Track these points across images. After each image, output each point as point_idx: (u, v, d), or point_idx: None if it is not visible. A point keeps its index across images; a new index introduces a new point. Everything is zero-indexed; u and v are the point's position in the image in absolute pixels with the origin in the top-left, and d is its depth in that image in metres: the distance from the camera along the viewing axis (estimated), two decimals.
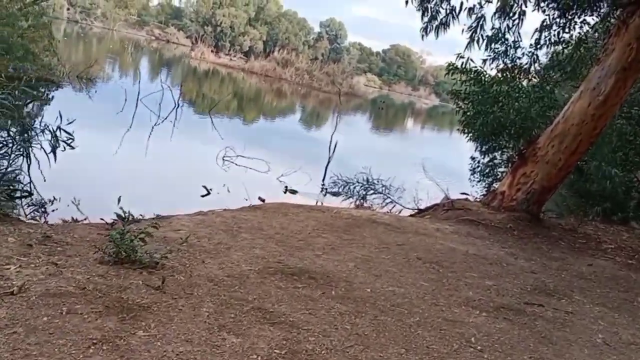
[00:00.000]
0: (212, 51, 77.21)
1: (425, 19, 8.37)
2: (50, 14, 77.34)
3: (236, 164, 15.42)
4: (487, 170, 11.73)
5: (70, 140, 9.69)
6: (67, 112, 21.47)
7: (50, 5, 79.90)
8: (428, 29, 8.49)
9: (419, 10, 8.54)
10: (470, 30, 8.43)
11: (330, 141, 16.61)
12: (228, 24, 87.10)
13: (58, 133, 9.31)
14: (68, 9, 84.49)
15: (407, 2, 9.05)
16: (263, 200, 11.90)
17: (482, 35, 8.74)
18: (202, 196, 11.31)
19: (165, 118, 21.29)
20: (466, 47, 8.63)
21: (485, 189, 12.66)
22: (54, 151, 9.05)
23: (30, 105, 20.90)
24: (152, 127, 19.57)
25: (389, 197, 10.64)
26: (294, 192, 12.01)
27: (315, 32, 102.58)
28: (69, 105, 21.72)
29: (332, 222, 7.40)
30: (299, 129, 32.41)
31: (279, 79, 65.55)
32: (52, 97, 21.61)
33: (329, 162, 16.35)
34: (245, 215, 7.12)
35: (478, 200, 12.25)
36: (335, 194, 11.08)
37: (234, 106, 35.58)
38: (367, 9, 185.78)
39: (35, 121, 10.96)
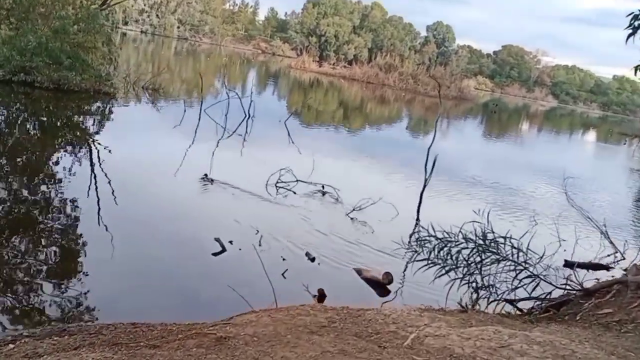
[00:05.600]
0: (314, 61, 75.20)
1: None
2: (162, 32, 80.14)
3: (294, 192, 11.37)
4: None
5: None
6: (129, 126, 19.50)
7: (162, 24, 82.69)
8: None
9: None
10: None
11: (427, 156, 11.98)
12: (332, 33, 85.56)
13: None
14: (178, 27, 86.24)
15: None
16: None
17: None
18: (215, 254, 7.28)
19: (234, 131, 17.82)
20: None
21: None
22: None
23: (90, 121, 18.63)
24: (217, 142, 16.17)
25: (524, 267, 5.79)
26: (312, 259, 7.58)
27: (422, 37, 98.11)
28: (132, 119, 19.13)
29: None
30: (401, 137, 27.83)
31: (382, 84, 61.24)
32: (110, 110, 18.99)
33: (424, 188, 11.74)
34: None
35: None
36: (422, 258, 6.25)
37: (332, 116, 31.79)
38: (475, 12, 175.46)
39: None
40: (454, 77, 65.54)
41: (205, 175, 11.25)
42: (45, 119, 16.14)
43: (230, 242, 7.62)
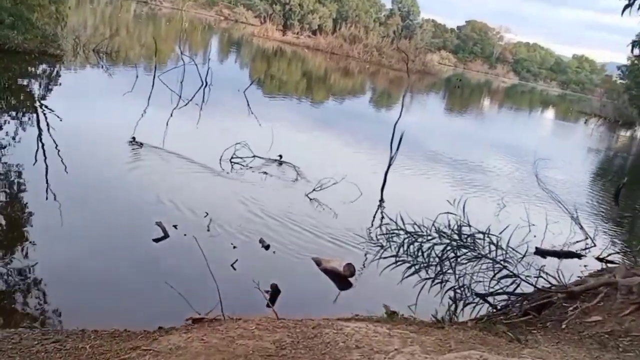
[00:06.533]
0: (277, 29, 73.45)
1: None
2: None
3: (250, 168, 10.55)
4: None
5: None
6: (76, 91, 18.12)
7: None
8: None
9: None
10: None
11: (393, 133, 11.30)
12: (297, 2, 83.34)
13: None
14: None
15: None
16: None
17: None
18: (156, 240, 6.48)
19: (190, 100, 16.82)
20: None
21: None
22: None
23: (35, 84, 17.20)
24: (172, 111, 15.17)
25: (502, 265, 5.17)
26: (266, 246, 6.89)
27: (387, 9, 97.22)
28: (80, 83, 17.76)
29: None
30: (366, 111, 27.01)
31: (346, 56, 60.18)
32: (58, 73, 17.60)
33: (389, 167, 11.11)
34: None
35: None
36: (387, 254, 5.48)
37: (295, 87, 30.68)
38: None
39: None
40: (418, 51, 64.89)
41: (133, 138, 10.55)
42: None
43: (175, 226, 6.81)
